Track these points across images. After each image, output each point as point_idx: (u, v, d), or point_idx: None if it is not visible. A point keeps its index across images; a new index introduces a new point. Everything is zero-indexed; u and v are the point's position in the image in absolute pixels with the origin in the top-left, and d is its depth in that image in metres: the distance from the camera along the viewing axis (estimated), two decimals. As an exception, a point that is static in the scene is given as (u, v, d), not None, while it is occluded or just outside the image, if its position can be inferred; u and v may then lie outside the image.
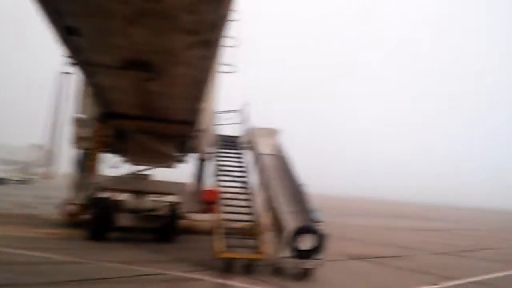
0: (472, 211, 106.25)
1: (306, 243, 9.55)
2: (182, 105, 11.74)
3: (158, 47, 8.33)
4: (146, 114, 12.56)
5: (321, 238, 9.69)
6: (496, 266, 13.89)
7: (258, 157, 12.30)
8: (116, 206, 12.96)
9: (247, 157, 13.00)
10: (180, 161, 16.37)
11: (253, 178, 12.02)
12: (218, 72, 14.09)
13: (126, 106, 12.14)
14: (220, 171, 11.99)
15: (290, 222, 9.98)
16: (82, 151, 14.20)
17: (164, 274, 8.93)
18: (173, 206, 13.28)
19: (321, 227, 10.19)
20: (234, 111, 14.73)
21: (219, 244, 9.59)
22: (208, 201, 12.14)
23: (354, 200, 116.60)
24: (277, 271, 9.56)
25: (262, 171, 11.76)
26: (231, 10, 7.06)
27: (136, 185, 13.62)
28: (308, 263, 9.52)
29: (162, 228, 12.86)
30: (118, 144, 14.33)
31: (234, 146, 13.47)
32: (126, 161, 16.46)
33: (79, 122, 14.16)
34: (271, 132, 13.70)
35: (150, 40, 8.05)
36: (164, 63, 9.04)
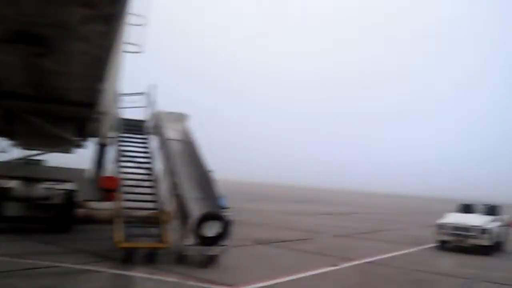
0: (373, 196, 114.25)
1: (211, 229, 9.38)
2: (80, 85, 10.87)
3: (50, 20, 7.54)
4: (39, 94, 11.45)
5: (226, 224, 9.59)
6: (390, 247, 14.91)
7: (164, 142, 11.83)
8: (3, 194, 11.78)
9: (153, 142, 12.46)
10: (78, 145, 15.26)
11: (158, 164, 11.56)
12: (122, 51, 13.26)
13: (14, 84, 10.95)
14: (122, 156, 11.35)
15: (196, 209, 9.74)
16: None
17: (58, 266, 8.34)
18: (68, 194, 12.37)
19: (227, 213, 10.10)
20: (140, 93, 14.02)
21: (119, 233, 9.09)
22: (107, 188, 11.45)
23: (265, 185, 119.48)
24: (181, 259, 9.30)
25: (168, 157, 11.33)
26: None
27: (27, 171, 12.44)
28: (213, 250, 9.38)
29: (56, 218, 11.95)
30: (6, 126, 12.95)
31: (139, 130, 12.83)
32: (16, 145, 14.96)
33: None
34: (179, 117, 13.26)
35: (41, 11, 7.25)
36: (58, 37, 8.23)
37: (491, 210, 16.76)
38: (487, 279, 10.58)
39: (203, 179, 10.69)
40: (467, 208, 17.15)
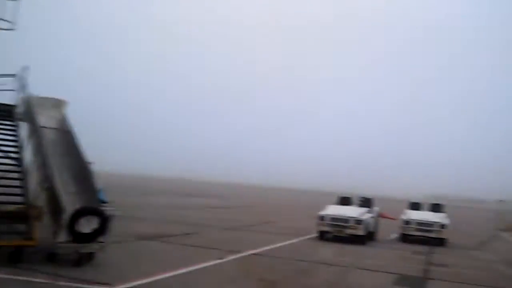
0: (266, 190, 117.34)
1: (87, 225, 8.68)
2: None
3: None
4: None
5: (105, 219, 8.95)
6: (275, 238, 15.31)
7: (35, 130, 10.68)
8: None
9: (23, 130, 11.20)
10: None
11: (28, 154, 10.41)
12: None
13: None
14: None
15: (70, 203, 8.93)
16: None
17: None
18: None
19: (106, 207, 9.46)
20: (10, 75, 12.52)
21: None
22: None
23: (158, 179, 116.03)
24: (52, 258, 8.48)
25: (40, 146, 10.25)
26: None
27: None
28: (89, 247, 8.69)
29: None
30: None
31: (7, 116, 11.45)
32: None
33: None
34: (56, 103, 12.09)
35: None
36: None
37: (366, 202, 18.12)
38: (360, 266, 11.33)
39: (80, 172, 9.87)
40: (345, 201, 18.32)
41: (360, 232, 15.80)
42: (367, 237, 16.31)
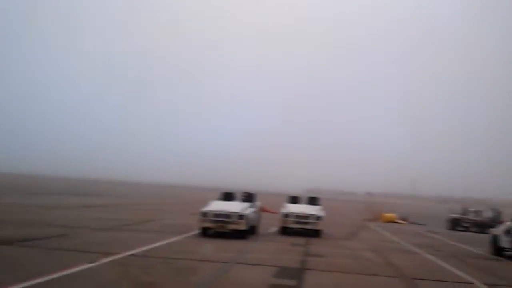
0: (145, 186, 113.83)
1: None
2: None
3: None
4: None
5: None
6: (155, 237, 14.66)
7: None
8: None
9: None
10: None
11: None
12: None
13: None
14: None
15: None
16: None
17: None
18: None
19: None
20: None
21: None
22: None
23: (44, 178, 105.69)
24: None
25: None
26: None
27: None
28: None
29: None
30: None
31: None
32: None
33: None
34: None
35: None
36: None
37: (248, 197, 18.35)
38: (242, 261, 11.35)
39: None
40: (227, 196, 18.35)
41: (242, 227, 15.92)
42: (249, 232, 16.50)
